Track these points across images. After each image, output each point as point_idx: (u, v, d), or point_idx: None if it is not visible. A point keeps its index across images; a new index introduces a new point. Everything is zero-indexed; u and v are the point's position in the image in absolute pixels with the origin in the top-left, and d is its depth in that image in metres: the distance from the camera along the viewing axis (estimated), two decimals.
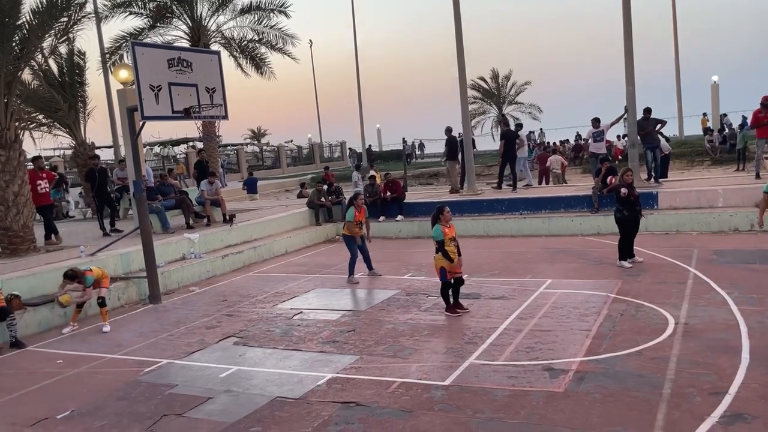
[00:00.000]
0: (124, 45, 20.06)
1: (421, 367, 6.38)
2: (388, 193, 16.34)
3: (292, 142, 50.78)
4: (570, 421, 4.89)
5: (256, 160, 45.54)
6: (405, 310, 8.64)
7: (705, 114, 36.68)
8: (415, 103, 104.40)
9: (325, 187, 17.22)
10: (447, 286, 8.19)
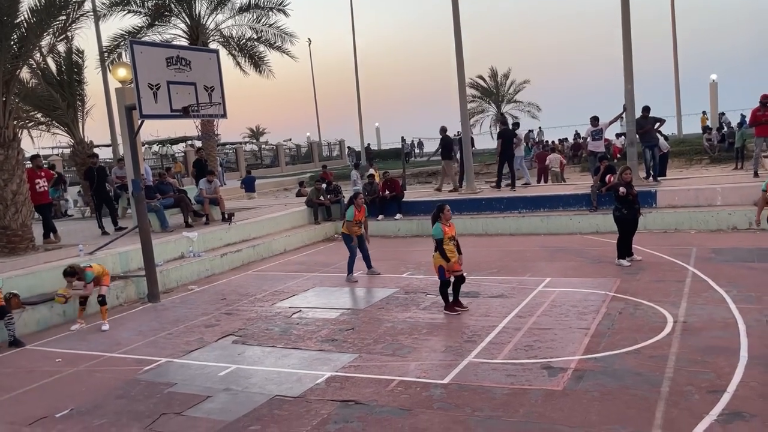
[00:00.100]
0: (122, 43, 20.05)
1: (420, 365, 6.38)
2: (387, 191, 16.35)
3: (290, 140, 50.75)
4: (568, 420, 4.90)
5: (255, 158, 45.50)
6: (404, 308, 8.64)
7: (704, 112, 36.70)
8: (414, 102, 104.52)
9: (323, 185, 17.22)
10: (446, 284, 8.19)
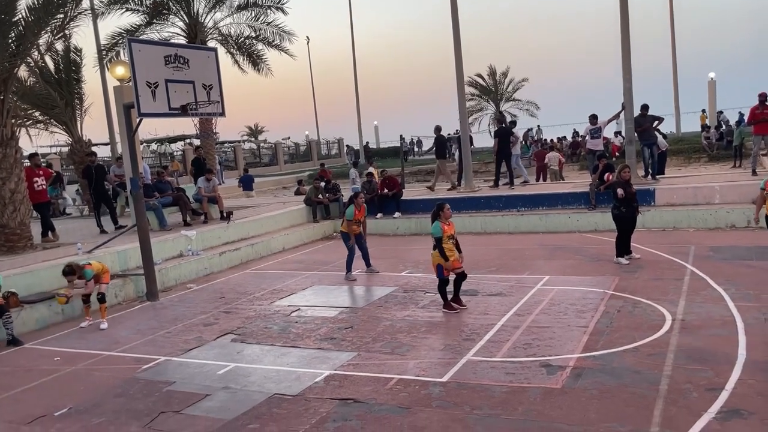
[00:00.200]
0: (120, 41, 20.06)
1: (418, 363, 6.38)
2: (386, 190, 16.34)
3: (289, 139, 50.78)
4: (567, 418, 4.90)
5: (254, 157, 45.51)
6: (402, 307, 8.64)
7: (704, 110, 36.71)
8: (412, 101, 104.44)
9: (322, 184, 17.22)
10: (444, 282, 8.19)
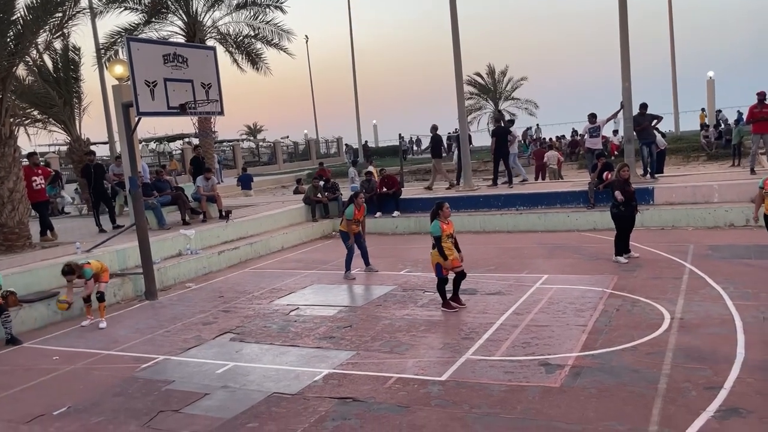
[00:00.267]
0: (119, 40, 20.02)
1: (417, 362, 6.39)
2: (384, 188, 16.33)
3: (288, 138, 50.76)
4: (566, 416, 4.90)
5: (252, 156, 45.49)
6: (402, 305, 8.65)
7: (703, 109, 36.74)
8: (411, 100, 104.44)
9: (321, 183, 17.21)
10: (443, 281, 8.19)
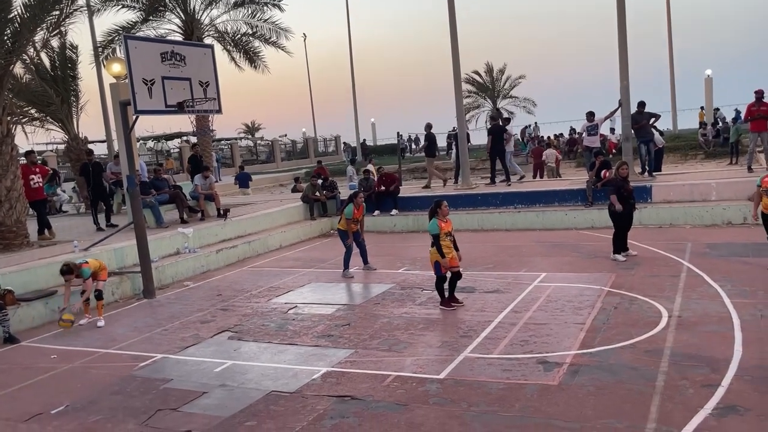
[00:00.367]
0: (116, 38, 19.99)
1: (416, 360, 6.39)
2: (383, 187, 16.33)
3: (286, 136, 50.75)
4: (564, 414, 4.91)
5: (250, 154, 45.45)
6: (400, 304, 8.65)
7: (703, 107, 36.75)
8: (409, 98, 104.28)
9: (319, 181, 17.20)
10: (442, 280, 8.20)
